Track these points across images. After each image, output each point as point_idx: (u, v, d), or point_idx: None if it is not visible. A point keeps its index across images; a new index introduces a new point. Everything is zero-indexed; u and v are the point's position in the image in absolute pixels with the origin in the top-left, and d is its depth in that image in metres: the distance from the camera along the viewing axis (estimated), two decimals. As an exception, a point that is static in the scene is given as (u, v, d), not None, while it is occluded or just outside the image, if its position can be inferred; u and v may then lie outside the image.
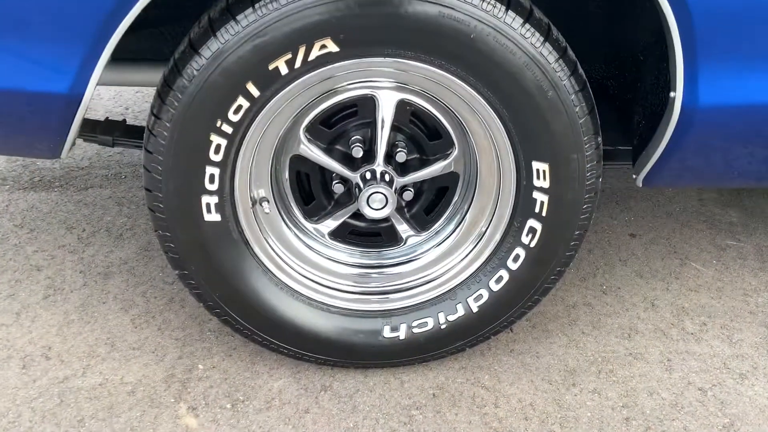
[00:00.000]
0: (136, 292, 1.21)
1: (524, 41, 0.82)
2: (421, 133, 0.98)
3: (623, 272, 1.29)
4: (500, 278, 0.99)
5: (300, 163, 0.99)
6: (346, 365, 1.06)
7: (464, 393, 1.04)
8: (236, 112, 0.86)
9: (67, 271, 1.26)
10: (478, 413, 1.00)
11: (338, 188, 1.00)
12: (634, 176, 1.00)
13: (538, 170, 0.91)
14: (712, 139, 0.88)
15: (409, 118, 0.96)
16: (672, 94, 0.83)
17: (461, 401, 1.02)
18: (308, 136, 0.96)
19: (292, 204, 1.03)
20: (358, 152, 0.96)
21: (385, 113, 0.94)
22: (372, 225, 1.04)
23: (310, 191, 1.03)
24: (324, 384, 1.04)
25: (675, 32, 0.78)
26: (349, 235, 1.06)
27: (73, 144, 0.95)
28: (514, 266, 0.99)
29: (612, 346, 1.13)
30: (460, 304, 1.02)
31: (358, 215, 1.01)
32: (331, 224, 1.03)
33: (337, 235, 1.05)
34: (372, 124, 0.96)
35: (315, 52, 0.82)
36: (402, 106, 0.95)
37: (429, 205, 1.05)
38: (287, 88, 0.86)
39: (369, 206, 0.96)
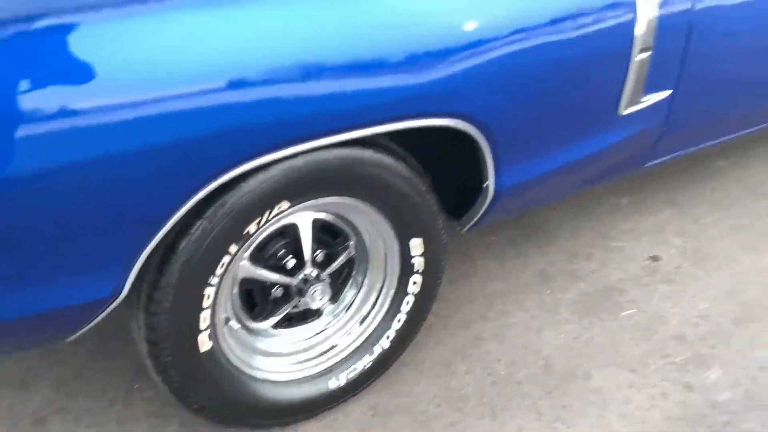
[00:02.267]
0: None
1: (403, 174, 1.25)
2: (327, 236, 1.36)
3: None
4: (399, 319, 1.44)
5: (245, 282, 1.30)
6: (309, 417, 1.41)
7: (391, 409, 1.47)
8: (222, 266, 1.14)
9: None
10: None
11: (279, 293, 1.33)
12: (459, 228, 1.51)
13: (414, 243, 1.36)
14: (514, 199, 1.42)
15: (318, 229, 1.33)
16: (485, 183, 1.35)
17: (394, 415, 1.45)
18: (252, 262, 1.27)
19: (242, 314, 1.33)
20: (290, 263, 1.31)
21: (305, 232, 1.30)
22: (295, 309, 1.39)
23: (253, 300, 1.34)
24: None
25: (486, 149, 1.28)
26: (283, 322, 1.40)
27: None
28: (406, 308, 1.43)
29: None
30: (377, 345, 1.43)
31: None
32: (273, 320, 1.36)
33: (277, 325, 1.38)
34: (296, 241, 1.30)
35: (276, 212, 1.15)
36: (314, 223, 1.31)
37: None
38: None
39: (314, 300, 1.32)
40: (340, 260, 1.37)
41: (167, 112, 0.93)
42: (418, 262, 1.39)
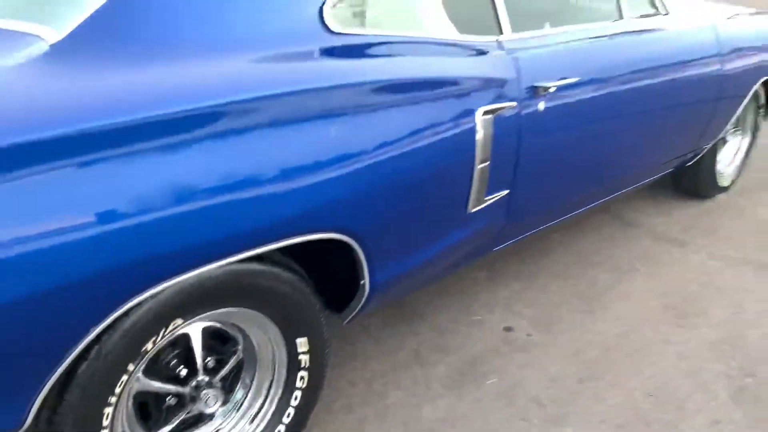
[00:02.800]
0: None
1: (288, 281, 1.38)
2: (216, 342, 1.45)
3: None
4: (289, 413, 1.54)
5: (139, 395, 1.35)
6: None
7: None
8: (120, 385, 1.20)
9: None
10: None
11: (173, 401, 1.39)
12: (340, 320, 1.65)
13: (300, 342, 1.48)
14: (387, 292, 1.59)
15: (208, 335, 1.42)
16: (362, 281, 1.51)
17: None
18: (146, 375, 1.33)
19: (136, 427, 1.37)
20: (183, 372, 1.38)
21: (196, 341, 1.38)
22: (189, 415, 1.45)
23: (146, 412, 1.38)
24: None
25: (361, 253, 1.45)
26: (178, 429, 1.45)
27: None
28: (295, 402, 1.54)
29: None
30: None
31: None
32: (168, 428, 1.41)
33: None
34: (187, 350, 1.38)
35: (170, 329, 1.23)
36: (204, 330, 1.40)
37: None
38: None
39: (208, 405, 1.39)
40: (230, 364, 1.46)
41: (55, 257, 1.00)
42: (305, 359, 1.51)
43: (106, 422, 1.20)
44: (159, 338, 1.22)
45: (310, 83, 1.29)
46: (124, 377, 1.20)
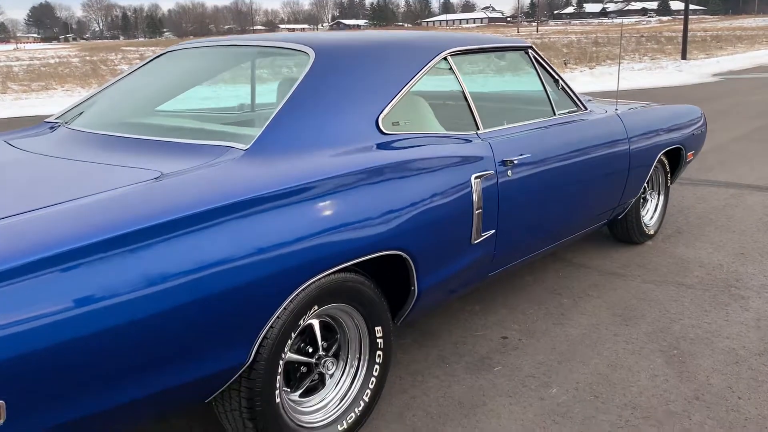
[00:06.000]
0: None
1: (369, 286, 2.20)
2: (325, 331, 2.23)
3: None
4: (372, 381, 2.30)
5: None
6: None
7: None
8: (287, 344, 1.98)
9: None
10: (384, 443, 2.26)
11: (303, 369, 2.15)
12: (395, 324, 2.45)
13: (377, 329, 2.28)
14: (427, 298, 2.42)
15: (321, 327, 2.20)
16: (412, 288, 2.33)
17: (375, 443, 2.26)
18: (292, 352, 2.10)
19: (283, 384, 2.12)
20: (310, 349, 2.15)
21: (317, 329, 2.16)
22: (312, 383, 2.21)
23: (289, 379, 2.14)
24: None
25: (413, 267, 2.28)
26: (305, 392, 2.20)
27: None
28: (376, 373, 2.31)
29: (402, 398, 2.53)
30: (361, 399, 2.27)
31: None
32: (299, 391, 2.16)
33: (304, 394, 2.18)
34: (311, 336, 2.16)
35: (311, 311, 2.03)
36: (319, 323, 2.19)
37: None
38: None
39: (327, 370, 2.17)
40: (336, 344, 2.24)
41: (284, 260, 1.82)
42: (380, 342, 2.30)
43: (279, 370, 1.96)
44: (306, 317, 2.01)
45: (377, 163, 2.18)
46: (289, 342, 1.98)
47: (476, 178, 2.52)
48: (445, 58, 2.71)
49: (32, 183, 2.01)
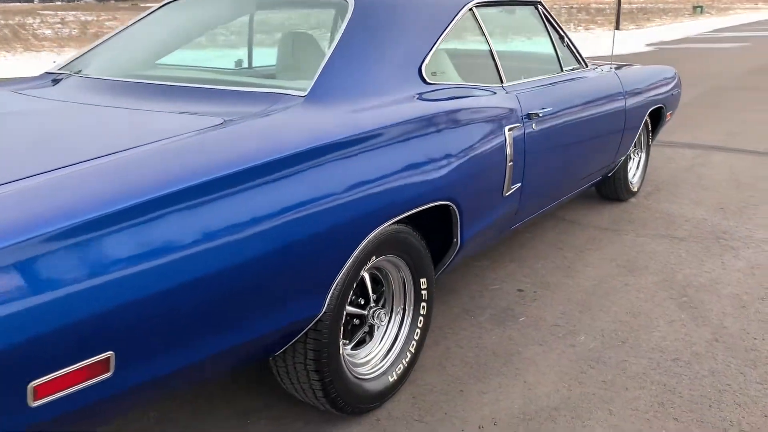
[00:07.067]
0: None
1: (417, 238, 2.18)
2: (374, 285, 2.21)
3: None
4: (417, 333, 2.30)
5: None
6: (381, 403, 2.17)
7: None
8: (350, 294, 1.95)
9: None
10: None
11: (356, 321, 2.12)
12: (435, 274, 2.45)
13: (422, 281, 2.27)
14: (467, 248, 2.42)
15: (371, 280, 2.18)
16: (455, 239, 2.33)
17: (429, 394, 2.27)
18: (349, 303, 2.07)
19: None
20: (362, 301, 2.12)
21: (368, 282, 2.14)
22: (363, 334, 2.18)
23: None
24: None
25: (457, 217, 2.28)
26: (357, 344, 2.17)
27: None
28: (420, 324, 2.30)
29: (436, 350, 2.54)
30: (408, 350, 2.27)
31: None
32: (353, 342, 2.13)
33: (354, 346, 2.16)
34: (362, 289, 2.13)
35: (370, 262, 2.00)
36: (369, 276, 2.16)
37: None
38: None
39: (380, 321, 2.14)
40: (384, 297, 2.22)
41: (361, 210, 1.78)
42: (425, 293, 2.29)
43: (342, 321, 1.93)
44: (365, 268, 1.98)
45: (430, 112, 2.15)
46: (350, 293, 1.94)
47: (509, 130, 2.52)
48: (471, 9, 2.68)
49: (93, 129, 1.87)
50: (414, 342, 2.29)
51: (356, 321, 2.14)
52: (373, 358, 2.21)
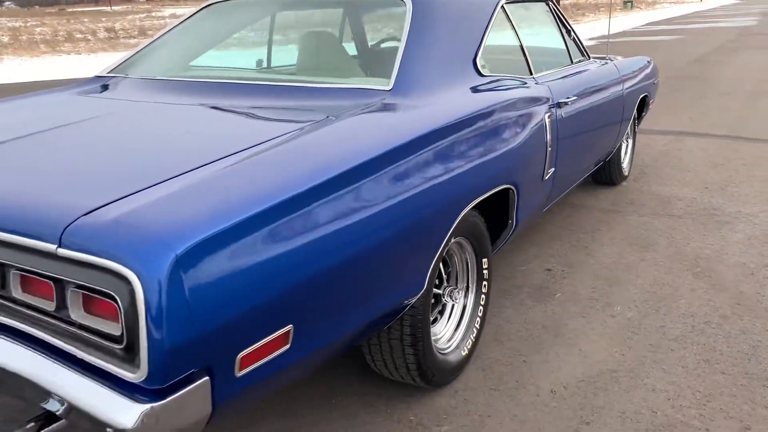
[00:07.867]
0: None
1: (481, 221, 2.33)
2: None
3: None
4: (481, 310, 2.45)
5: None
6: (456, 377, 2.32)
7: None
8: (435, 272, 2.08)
9: None
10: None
11: (431, 300, 2.26)
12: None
13: (484, 261, 2.43)
14: (518, 229, 2.59)
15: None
16: (510, 221, 2.50)
17: (494, 365, 2.43)
18: (423, 283, 2.20)
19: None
20: (436, 282, 2.26)
21: (440, 264, 2.28)
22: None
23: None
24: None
25: (515, 200, 2.45)
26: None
27: None
28: (482, 302, 2.46)
29: (488, 327, 2.70)
30: (474, 326, 2.42)
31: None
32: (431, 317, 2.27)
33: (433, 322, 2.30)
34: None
35: (452, 241, 2.14)
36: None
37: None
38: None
39: (453, 299, 2.29)
40: (455, 276, 2.37)
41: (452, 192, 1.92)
42: (486, 273, 2.45)
43: (432, 299, 2.07)
44: (446, 249, 2.12)
45: (495, 102, 2.31)
46: (438, 272, 2.08)
47: (548, 117, 2.70)
48: (502, 6, 2.85)
49: (211, 127, 1.95)
50: (478, 318, 2.44)
51: (431, 299, 2.27)
52: (444, 335, 2.35)
